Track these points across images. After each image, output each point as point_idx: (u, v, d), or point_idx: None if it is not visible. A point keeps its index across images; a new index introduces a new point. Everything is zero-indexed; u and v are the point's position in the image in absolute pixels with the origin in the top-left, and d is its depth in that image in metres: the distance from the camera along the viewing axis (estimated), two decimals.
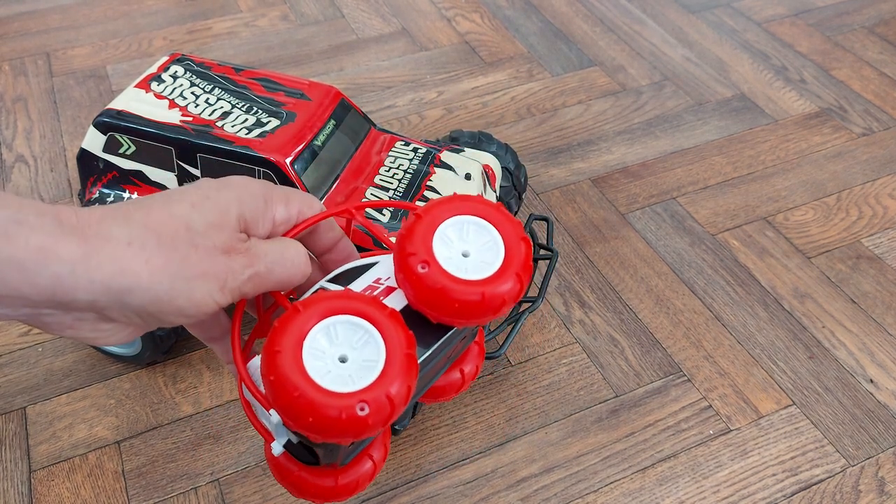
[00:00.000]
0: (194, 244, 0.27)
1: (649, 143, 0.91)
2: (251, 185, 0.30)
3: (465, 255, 0.31)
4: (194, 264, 0.27)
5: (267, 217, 0.30)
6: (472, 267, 0.31)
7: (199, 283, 0.27)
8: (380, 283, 0.32)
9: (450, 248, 0.31)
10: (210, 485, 0.59)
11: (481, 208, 0.32)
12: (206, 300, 0.28)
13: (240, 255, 0.29)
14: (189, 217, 0.28)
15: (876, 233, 0.80)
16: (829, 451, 0.62)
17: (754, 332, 0.70)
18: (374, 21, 1.12)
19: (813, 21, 1.12)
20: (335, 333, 0.29)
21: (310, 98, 0.63)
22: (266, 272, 0.29)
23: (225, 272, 0.28)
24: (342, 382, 0.28)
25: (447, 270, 0.30)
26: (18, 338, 0.69)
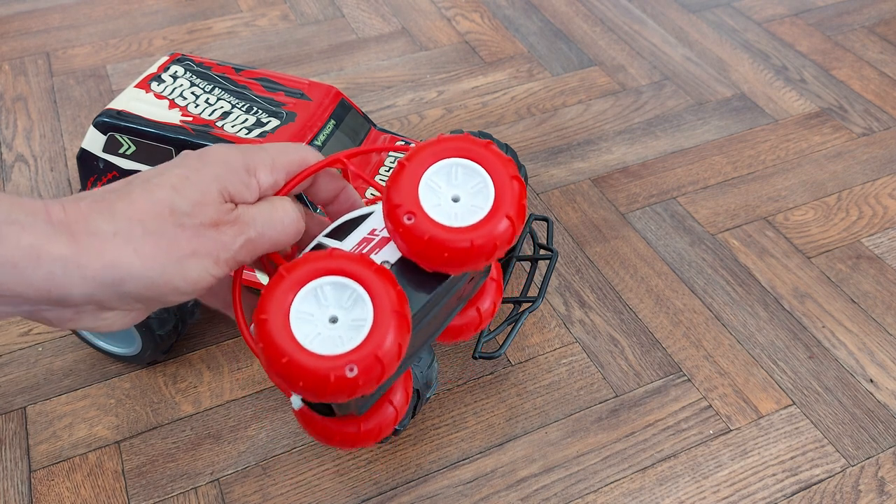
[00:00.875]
0: (181, 225, 0.27)
1: (649, 143, 0.91)
2: (231, 156, 0.30)
3: (454, 200, 0.31)
4: (183, 245, 0.27)
5: (251, 186, 0.30)
6: (462, 212, 0.30)
7: (192, 262, 0.28)
8: (375, 235, 0.32)
9: (438, 195, 0.30)
10: (210, 484, 0.59)
11: (469, 148, 0.31)
12: (203, 276, 0.28)
13: (228, 225, 0.29)
14: (171, 200, 0.28)
15: (876, 233, 0.80)
16: (829, 450, 0.62)
17: (754, 332, 0.70)
18: (374, 21, 1.12)
19: (813, 21, 1.12)
20: (323, 295, 0.29)
21: (310, 98, 0.63)
22: (258, 236, 0.29)
23: (216, 246, 0.28)
24: (332, 344, 0.28)
25: (434, 219, 0.30)
26: (18, 337, 0.69)
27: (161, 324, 0.62)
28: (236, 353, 0.68)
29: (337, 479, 0.60)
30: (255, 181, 0.30)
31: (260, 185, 0.31)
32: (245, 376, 0.66)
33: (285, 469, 0.60)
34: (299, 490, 0.59)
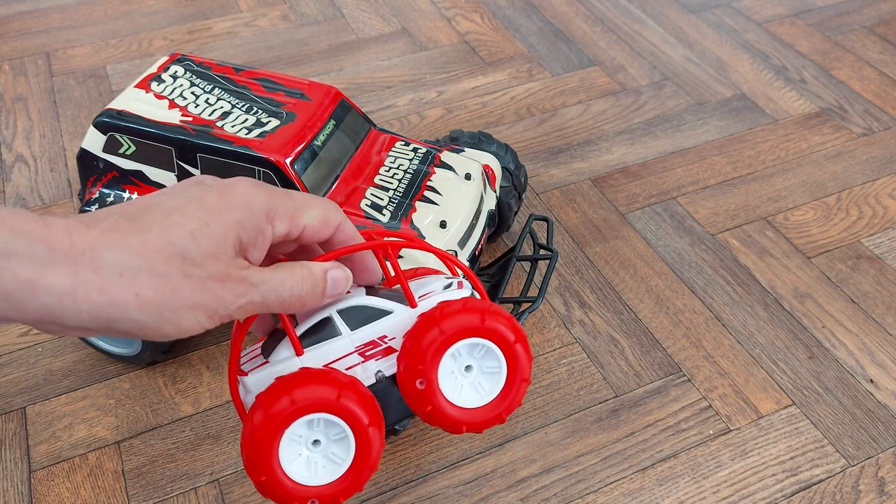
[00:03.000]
0: (188, 275, 0.27)
1: (649, 143, 0.91)
2: (255, 199, 0.29)
3: (467, 369, 0.33)
4: (185, 296, 0.27)
5: (265, 233, 0.30)
6: (467, 385, 0.33)
7: (188, 314, 0.27)
8: (383, 342, 0.33)
9: (456, 361, 0.33)
10: (210, 485, 0.59)
11: (506, 338, 0.33)
12: (193, 326, 0.28)
13: (235, 283, 0.28)
14: (186, 247, 0.27)
15: (876, 233, 0.80)
16: (829, 451, 0.62)
17: (754, 332, 0.70)
18: (374, 21, 1.12)
19: (813, 21, 1.12)
20: (316, 424, 0.31)
21: (310, 98, 0.63)
22: (260, 301, 0.29)
23: (216, 302, 0.28)
24: (306, 469, 0.31)
25: (442, 389, 0.32)
26: (18, 338, 0.69)
27: None
28: None
29: None
30: (271, 229, 0.30)
31: (274, 233, 0.30)
32: None
33: None
34: None
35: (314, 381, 0.31)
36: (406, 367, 0.32)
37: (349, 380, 0.31)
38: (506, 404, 0.33)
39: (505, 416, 0.33)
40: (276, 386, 0.31)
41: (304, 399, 0.30)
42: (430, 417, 0.33)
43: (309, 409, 0.30)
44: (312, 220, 0.31)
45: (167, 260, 0.27)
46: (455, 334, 0.32)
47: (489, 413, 0.33)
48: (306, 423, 0.31)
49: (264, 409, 0.30)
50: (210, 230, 0.28)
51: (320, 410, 0.30)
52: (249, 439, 0.30)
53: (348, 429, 0.31)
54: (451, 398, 0.32)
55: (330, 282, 0.32)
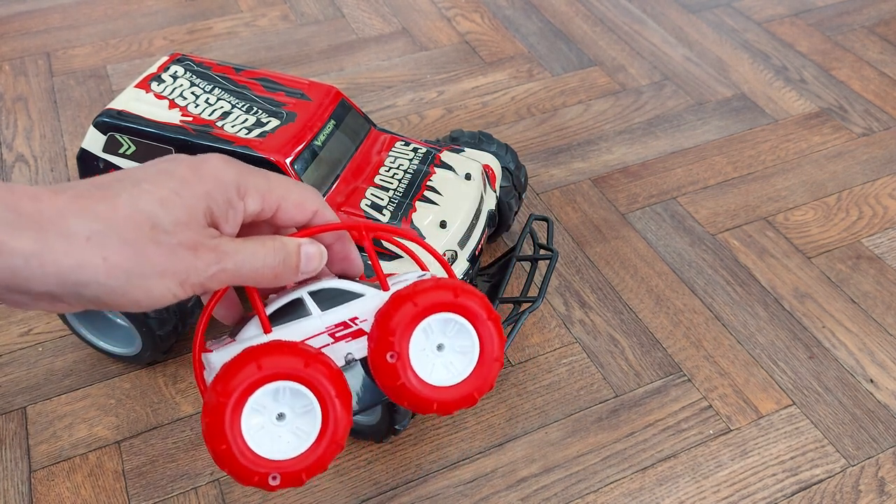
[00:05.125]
0: (157, 241, 0.27)
1: (649, 143, 0.91)
2: (225, 172, 0.29)
3: (439, 348, 0.32)
4: (155, 262, 0.27)
5: (237, 208, 0.29)
6: (439, 364, 0.32)
7: (158, 280, 0.27)
8: (354, 323, 0.32)
9: (428, 338, 0.32)
10: (210, 485, 0.59)
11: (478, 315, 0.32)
12: (165, 295, 0.27)
13: (207, 251, 0.28)
14: (155, 214, 0.27)
15: (876, 233, 0.80)
16: (829, 451, 0.62)
17: (754, 332, 0.70)
18: (374, 21, 1.12)
19: (813, 21, 1.12)
20: (282, 394, 0.30)
21: (310, 98, 0.63)
22: (233, 270, 0.29)
23: (187, 269, 0.27)
24: (269, 442, 0.30)
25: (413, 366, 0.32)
26: (18, 337, 0.69)
27: (161, 324, 0.62)
28: None
29: (336, 480, 0.60)
30: (242, 205, 0.30)
31: (246, 209, 0.30)
32: None
33: None
34: (299, 490, 0.59)
35: (282, 351, 0.30)
36: (377, 341, 0.31)
37: (318, 352, 0.31)
38: (477, 384, 0.32)
39: (477, 396, 0.32)
40: (243, 354, 0.30)
41: (270, 366, 0.29)
42: (399, 394, 0.32)
43: (275, 377, 0.29)
44: (287, 203, 0.31)
45: (136, 227, 0.26)
46: (427, 308, 0.31)
47: (460, 392, 0.32)
48: (272, 394, 0.30)
49: (229, 376, 0.29)
50: (180, 199, 0.28)
51: (287, 378, 0.30)
52: (211, 405, 0.29)
53: (315, 401, 0.30)
54: (423, 376, 0.32)
55: (303, 257, 0.31)
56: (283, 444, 0.30)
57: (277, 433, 0.30)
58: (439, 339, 0.32)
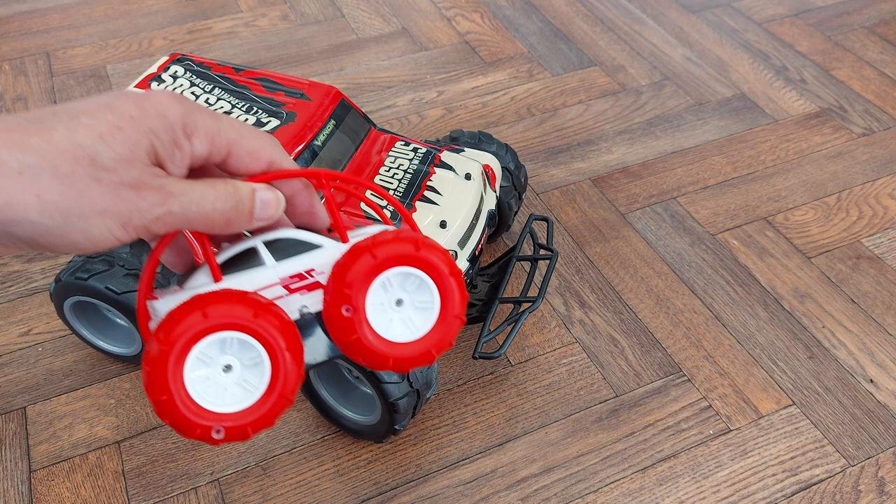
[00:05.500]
0: (97, 178, 0.25)
1: (649, 143, 0.91)
2: (171, 109, 0.27)
3: (398, 303, 0.31)
4: (94, 200, 0.25)
5: (183, 148, 0.27)
6: (397, 320, 0.31)
7: (98, 220, 0.25)
8: (310, 276, 0.31)
9: (387, 292, 0.31)
10: (210, 485, 0.59)
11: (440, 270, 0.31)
12: (105, 237, 0.26)
13: (151, 191, 0.26)
14: (95, 150, 0.25)
15: (876, 233, 0.80)
16: (828, 451, 0.62)
17: (754, 332, 0.70)
18: (374, 21, 1.12)
19: (813, 21, 1.12)
20: (230, 345, 0.29)
21: (310, 98, 0.63)
22: (180, 212, 0.27)
23: (130, 210, 0.26)
24: (214, 394, 0.28)
25: (370, 321, 0.30)
26: (18, 337, 0.69)
27: None
28: None
29: (337, 480, 0.60)
30: (189, 145, 0.27)
31: (193, 151, 0.28)
32: None
33: (285, 469, 0.60)
34: (299, 490, 0.59)
35: (231, 300, 0.28)
36: (333, 293, 0.30)
37: (269, 302, 0.29)
38: (436, 341, 0.31)
39: (435, 354, 0.31)
40: (189, 302, 0.28)
41: (217, 315, 0.28)
42: (354, 349, 0.30)
43: (222, 327, 0.28)
44: (239, 149, 0.29)
45: (74, 161, 0.25)
46: (387, 261, 0.30)
47: (418, 349, 0.31)
48: (219, 344, 0.28)
49: (173, 324, 0.28)
50: (122, 135, 0.26)
51: (235, 329, 0.28)
52: (153, 354, 0.28)
53: (264, 353, 0.29)
54: (379, 331, 0.31)
55: (259, 203, 0.29)
56: (230, 396, 0.29)
57: (223, 385, 0.29)
58: (398, 293, 0.31)
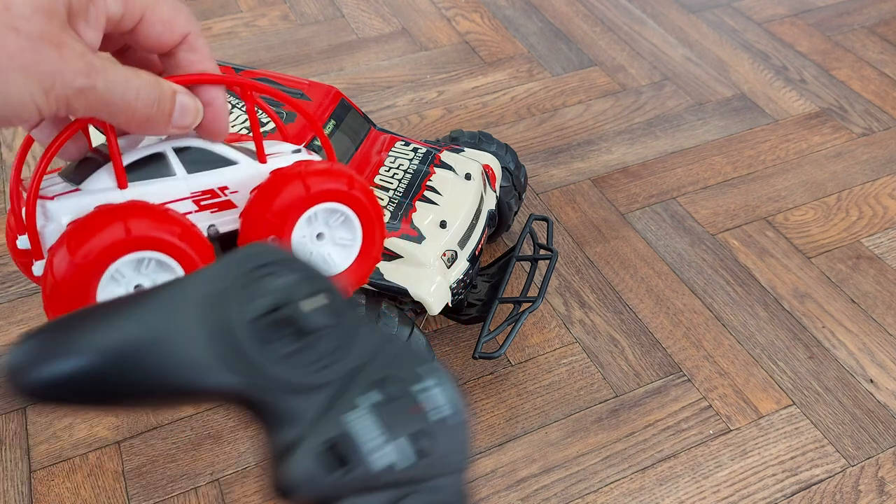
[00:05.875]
0: (14, 27, 0.22)
1: (649, 143, 0.91)
2: None
3: (318, 237, 0.30)
4: (13, 53, 0.22)
5: (98, 7, 0.24)
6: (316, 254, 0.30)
7: (19, 79, 0.22)
8: (224, 193, 0.29)
9: (311, 226, 0.29)
10: (210, 485, 0.59)
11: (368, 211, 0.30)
12: (26, 102, 0.22)
13: (73, 56, 0.23)
14: (12, 0, 0.22)
15: (876, 233, 0.80)
16: (828, 451, 0.62)
17: (754, 332, 0.70)
18: (373, 21, 1.12)
19: (813, 21, 1.12)
20: (146, 265, 0.27)
21: (309, 98, 0.63)
22: (103, 91, 0.24)
23: (52, 72, 0.22)
24: None
25: None
26: (18, 338, 0.69)
27: None
28: None
29: None
30: (104, 4, 0.25)
31: (108, 9, 0.25)
32: None
33: None
34: None
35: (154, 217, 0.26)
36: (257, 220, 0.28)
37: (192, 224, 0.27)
38: (353, 279, 0.31)
39: (350, 291, 0.31)
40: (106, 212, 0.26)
41: (141, 231, 0.26)
42: None
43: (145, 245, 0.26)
44: (153, 14, 0.26)
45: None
46: (320, 194, 0.29)
47: None
48: (135, 263, 0.26)
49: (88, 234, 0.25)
50: None
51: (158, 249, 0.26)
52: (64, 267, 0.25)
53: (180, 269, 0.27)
54: None
55: (178, 107, 0.26)
56: None
57: None
58: (321, 228, 0.30)
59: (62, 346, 0.19)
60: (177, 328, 0.19)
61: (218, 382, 0.19)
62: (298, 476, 0.19)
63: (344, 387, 0.20)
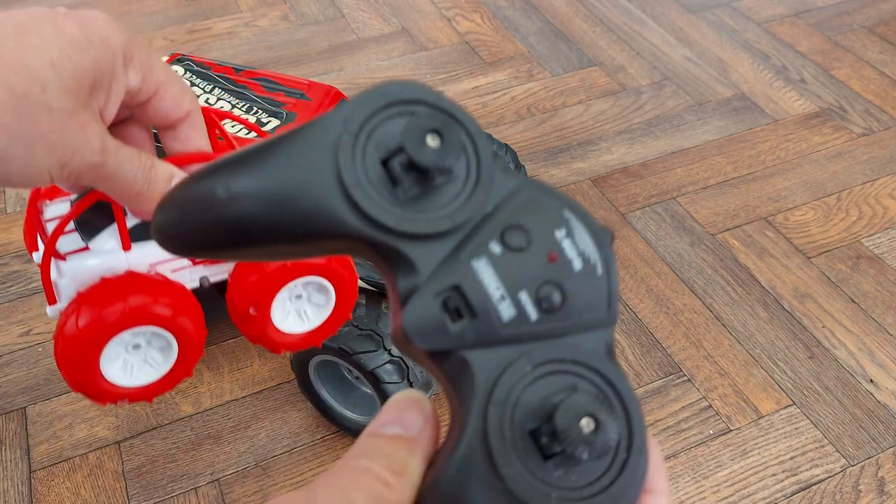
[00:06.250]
0: (48, 107, 0.23)
1: (649, 143, 0.91)
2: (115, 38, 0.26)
3: (296, 297, 0.33)
4: (43, 131, 0.23)
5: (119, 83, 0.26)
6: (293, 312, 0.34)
7: (42, 152, 0.23)
8: None
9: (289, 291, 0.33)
10: (210, 485, 0.59)
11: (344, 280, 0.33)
12: (42, 173, 0.24)
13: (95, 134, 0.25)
14: (46, 76, 0.23)
15: (876, 233, 0.80)
16: (828, 450, 0.62)
17: (754, 332, 0.70)
18: (374, 21, 1.12)
19: (813, 21, 1.12)
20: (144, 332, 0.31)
21: (310, 98, 0.63)
22: (111, 169, 0.26)
23: (74, 149, 0.24)
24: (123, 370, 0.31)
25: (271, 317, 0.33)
26: (19, 338, 0.69)
27: None
28: (236, 353, 0.68)
29: None
30: (125, 77, 0.26)
31: (128, 83, 0.26)
32: (245, 377, 0.66)
33: (285, 469, 0.60)
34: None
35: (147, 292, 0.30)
36: (241, 290, 0.32)
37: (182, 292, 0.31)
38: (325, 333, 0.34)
39: (320, 342, 0.34)
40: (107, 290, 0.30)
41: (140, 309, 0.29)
42: (253, 339, 0.33)
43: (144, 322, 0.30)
44: (166, 91, 0.28)
45: (26, 82, 0.23)
46: (301, 269, 0.32)
47: (308, 338, 0.34)
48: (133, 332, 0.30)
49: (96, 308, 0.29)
50: (72, 64, 0.24)
51: (155, 325, 0.30)
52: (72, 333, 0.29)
53: (174, 343, 0.31)
54: (277, 323, 0.33)
55: None
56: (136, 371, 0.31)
57: (130, 362, 0.31)
58: (299, 291, 0.33)
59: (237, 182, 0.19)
60: (311, 173, 0.18)
61: (345, 227, 0.18)
62: (415, 321, 0.18)
63: (474, 232, 0.18)
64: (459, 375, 0.18)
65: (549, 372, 0.18)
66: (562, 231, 0.19)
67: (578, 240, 0.19)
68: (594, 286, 0.19)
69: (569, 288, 0.19)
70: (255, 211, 0.18)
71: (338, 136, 0.18)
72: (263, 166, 0.18)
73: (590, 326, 0.19)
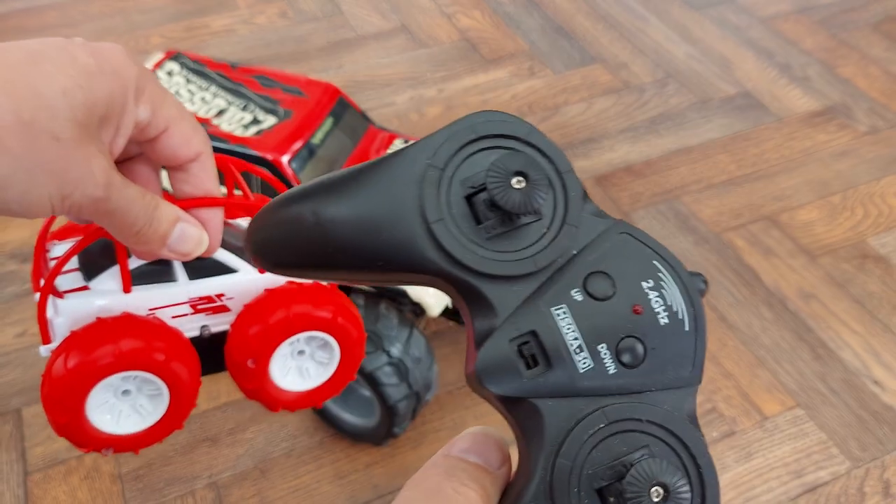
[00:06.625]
0: (56, 137, 0.23)
1: (653, 142, 0.90)
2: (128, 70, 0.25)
3: (299, 353, 0.32)
4: (48, 160, 0.23)
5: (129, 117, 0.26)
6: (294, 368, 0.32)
7: (44, 181, 0.23)
8: (220, 299, 0.31)
9: (291, 346, 0.31)
10: (207, 488, 0.58)
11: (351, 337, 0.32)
12: (42, 203, 0.24)
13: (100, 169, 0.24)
14: (56, 104, 0.23)
15: (882, 232, 0.79)
16: (834, 453, 0.61)
17: (759, 333, 0.70)
18: (373, 17, 1.11)
19: (818, 18, 1.11)
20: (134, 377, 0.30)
21: (307, 95, 0.62)
22: (114, 206, 0.25)
23: (76, 181, 0.24)
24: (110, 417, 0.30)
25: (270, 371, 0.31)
26: (14, 339, 0.69)
27: None
28: None
29: (335, 483, 0.59)
30: (135, 111, 0.26)
31: (138, 116, 0.26)
32: None
33: (283, 472, 0.59)
34: (297, 493, 0.58)
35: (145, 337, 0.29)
36: (241, 343, 0.30)
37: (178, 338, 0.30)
38: (327, 394, 0.33)
39: (320, 403, 0.33)
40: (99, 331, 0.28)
41: (130, 353, 0.28)
42: (250, 394, 0.32)
43: (134, 367, 0.29)
44: (176, 129, 0.27)
45: (35, 109, 0.22)
46: (304, 324, 0.30)
47: (308, 397, 0.32)
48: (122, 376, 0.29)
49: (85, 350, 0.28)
50: (83, 95, 0.24)
51: (145, 370, 0.29)
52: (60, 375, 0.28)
53: (166, 390, 0.30)
54: (276, 380, 0.31)
55: (177, 233, 0.27)
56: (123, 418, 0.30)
57: (119, 408, 0.30)
58: (302, 346, 0.32)
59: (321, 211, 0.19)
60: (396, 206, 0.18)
61: (425, 263, 0.18)
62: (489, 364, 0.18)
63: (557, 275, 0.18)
64: (530, 422, 0.18)
65: (624, 430, 0.17)
66: (650, 282, 0.18)
67: (667, 292, 0.18)
68: (680, 343, 0.18)
69: (652, 343, 0.18)
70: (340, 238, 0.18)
71: (424, 169, 0.18)
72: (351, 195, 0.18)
73: (671, 385, 0.19)
